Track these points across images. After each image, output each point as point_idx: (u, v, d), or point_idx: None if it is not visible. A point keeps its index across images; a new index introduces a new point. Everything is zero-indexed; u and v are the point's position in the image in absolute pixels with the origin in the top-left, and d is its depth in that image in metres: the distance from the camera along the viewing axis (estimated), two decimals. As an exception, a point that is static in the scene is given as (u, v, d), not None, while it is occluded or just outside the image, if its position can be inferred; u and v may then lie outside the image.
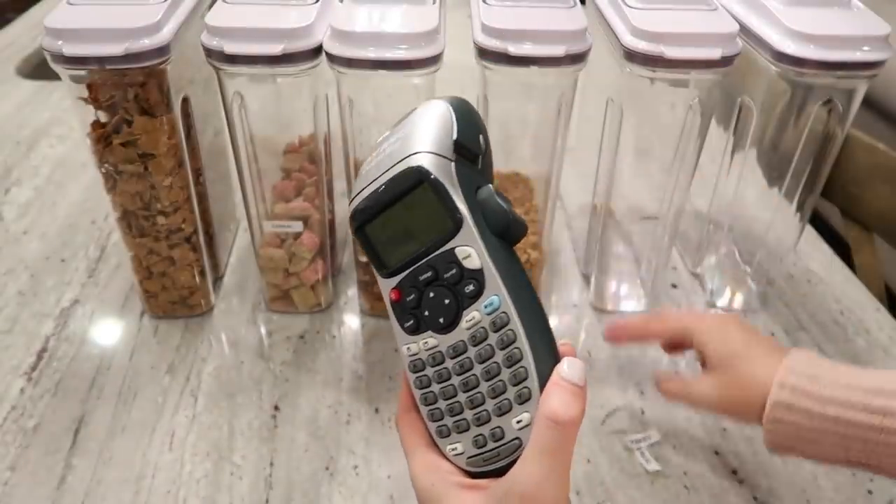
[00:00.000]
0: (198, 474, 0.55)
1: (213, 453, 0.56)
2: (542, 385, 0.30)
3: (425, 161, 0.31)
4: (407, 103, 0.57)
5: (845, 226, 0.86)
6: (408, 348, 0.33)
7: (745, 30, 0.59)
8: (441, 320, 0.32)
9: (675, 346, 0.53)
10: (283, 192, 0.64)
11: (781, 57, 0.56)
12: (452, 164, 0.32)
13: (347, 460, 0.56)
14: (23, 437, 0.57)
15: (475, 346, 0.31)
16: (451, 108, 0.33)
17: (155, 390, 0.61)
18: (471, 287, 0.31)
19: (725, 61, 0.54)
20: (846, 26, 0.56)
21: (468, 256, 0.31)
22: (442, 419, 0.33)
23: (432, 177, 0.31)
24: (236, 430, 0.58)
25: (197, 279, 0.67)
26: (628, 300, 0.72)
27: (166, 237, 0.63)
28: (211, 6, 0.56)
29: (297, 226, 0.64)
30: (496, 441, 0.31)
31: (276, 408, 0.60)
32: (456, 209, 0.31)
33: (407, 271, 0.33)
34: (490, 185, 0.33)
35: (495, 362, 0.31)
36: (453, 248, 0.31)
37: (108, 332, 0.68)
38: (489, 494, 0.31)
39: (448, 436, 0.33)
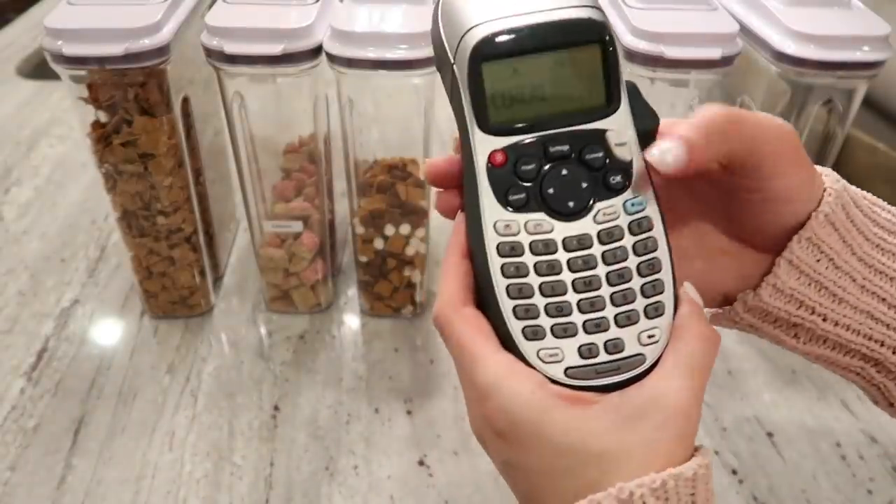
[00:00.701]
0: (198, 474, 0.55)
1: (213, 453, 0.56)
2: (675, 304, 0.28)
3: (604, 19, 0.26)
4: (407, 103, 0.57)
5: (845, 226, 0.86)
6: (506, 226, 0.27)
7: (745, 30, 0.59)
8: (571, 204, 0.27)
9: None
10: (283, 192, 0.64)
11: (781, 57, 0.56)
12: (616, 40, 0.27)
13: (347, 460, 0.56)
14: (23, 437, 0.57)
15: (605, 244, 0.27)
16: None
17: (155, 390, 0.61)
18: (617, 178, 0.27)
19: (725, 61, 0.54)
20: (846, 26, 0.56)
21: (623, 144, 0.27)
22: (536, 318, 0.27)
23: (613, 43, 0.26)
24: (236, 430, 0.58)
25: (197, 279, 0.67)
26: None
27: (166, 237, 0.63)
28: (211, 6, 0.56)
29: (297, 226, 0.64)
30: (613, 353, 0.27)
31: (276, 408, 0.60)
32: (620, 87, 0.27)
33: (529, 135, 0.27)
34: (634, 83, 0.29)
35: (628, 267, 0.27)
36: (605, 130, 0.27)
37: (108, 332, 0.68)
38: (612, 408, 0.26)
39: (543, 338, 0.27)
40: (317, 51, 0.53)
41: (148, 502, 0.53)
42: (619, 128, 0.27)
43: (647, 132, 0.28)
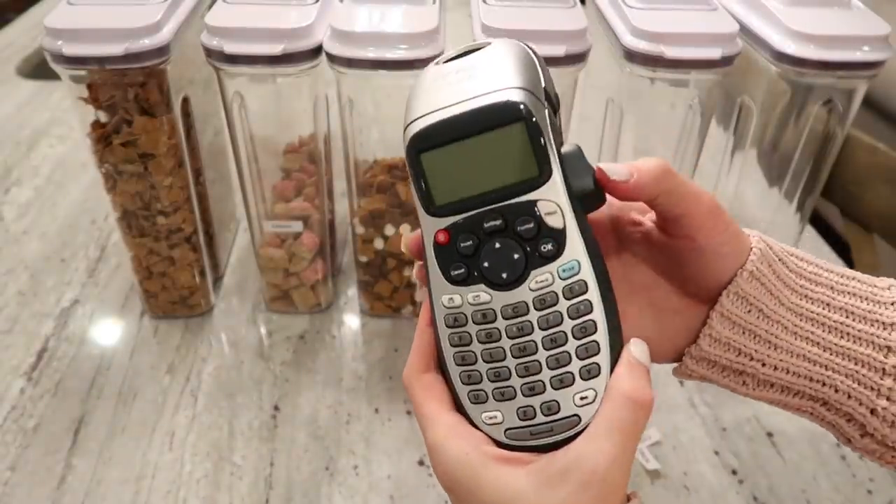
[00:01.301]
0: (198, 474, 0.55)
1: (213, 453, 0.56)
2: (613, 363, 0.28)
3: (524, 98, 0.27)
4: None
5: (845, 226, 0.86)
6: (449, 299, 0.29)
7: (745, 30, 0.59)
8: (504, 275, 0.28)
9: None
10: (283, 192, 0.64)
11: (781, 57, 0.56)
12: (546, 109, 0.28)
13: (347, 460, 0.56)
14: (23, 437, 0.57)
15: (541, 310, 0.28)
16: (531, 50, 0.30)
17: (155, 390, 0.61)
18: (549, 247, 0.28)
19: (725, 61, 0.54)
20: (846, 26, 0.56)
21: (552, 213, 0.28)
22: (479, 383, 0.29)
23: (532, 117, 0.27)
24: (236, 430, 0.58)
25: (197, 279, 0.67)
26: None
27: (166, 237, 0.63)
28: (211, 6, 0.56)
29: (297, 226, 0.64)
30: (549, 415, 0.28)
31: (276, 408, 0.60)
32: (548, 158, 0.28)
33: (466, 214, 0.29)
34: (576, 144, 0.29)
35: (562, 331, 0.28)
36: (535, 201, 0.28)
37: (108, 332, 0.68)
38: (537, 470, 0.28)
39: (484, 402, 0.29)
40: (317, 51, 0.53)
41: (148, 502, 0.53)
42: (549, 197, 0.28)
43: (587, 192, 0.29)
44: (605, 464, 0.27)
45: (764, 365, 0.33)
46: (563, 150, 0.29)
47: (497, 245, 0.29)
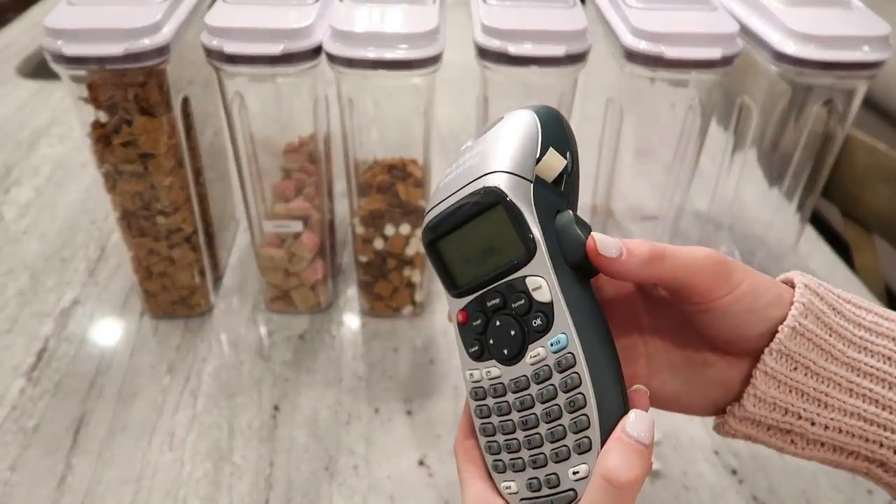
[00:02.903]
0: (198, 474, 0.55)
1: (213, 453, 0.56)
2: (605, 437, 0.28)
3: (501, 182, 0.29)
4: (407, 103, 0.57)
5: (845, 226, 0.86)
6: (470, 374, 0.32)
7: (745, 30, 0.59)
8: (505, 351, 0.30)
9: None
10: (283, 192, 0.64)
11: (781, 57, 0.56)
12: (531, 185, 0.29)
13: (347, 460, 0.56)
14: (23, 437, 0.57)
15: (538, 384, 0.29)
16: (538, 121, 0.30)
17: (155, 390, 0.61)
18: (538, 321, 0.29)
19: (725, 61, 0.54)
20: (846, 26, 0.56)
21: (538, 288, 0.29)
22: (499, 453, 0.31)
23: (507, 199, 0.29)
24: (236, 430, 0.58)
25: (197, 279, 0.67)
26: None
27: (166, 237, 0.63)
28: (211, 6, 0.56)
29: (297, 226, 0.64)
30: (551, 488, 0.29)
31: (276, 408, 0.60)
32: (530, 236, 0.29)
33: (476, 294, 0.31)
34: (570, 211, 0.30)
35: (557, 405, 0.29)
36: (524, 277, 0.29)
37: (108, 332, 0.68)
38: None
39: (504, 472, 0.31)
40: (317, 51, 0.53)
41: (148, 502, 0.53)
42: (536, 272, 0.29)
43: (578, 262, 0.29)
44: None
45: (813, 424, 0.31)
46: (558, 219, 0.30)
47: (498, 322, 0.30)
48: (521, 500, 0.30)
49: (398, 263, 0.65)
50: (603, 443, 0.28)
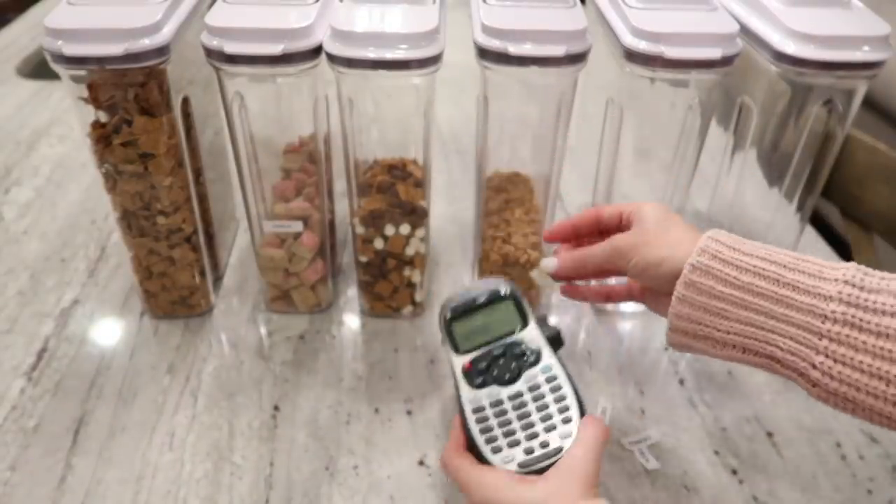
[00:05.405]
0: (198, 474, 0.55)
1: (213, 453, 0.56)
2: (581, 413, 0.45)
3: (511, 287, 0.51)
4: (407, 103, 0.57)
5: (845, 226, 0.86)
6: (472, 399, 0.47)
7: (745, 30, 0.59)
8: (507, 376, 0.47)
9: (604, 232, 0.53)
10: (283, 192, 0.64)
11: (781, 57, 0.56)
12: (522, 297, 0.51)
13: (347, 460, 0.56)
14: (23, 437, 0.57)
15: (531, 391, 0.47)
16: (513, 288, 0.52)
17: (155, 390, 0.61)
18: (532, 359, 0.48)
19: (725, 61, 0.54)
20: (846, 26, 0.56)
21: (533, 340, 0.49)
22: (496, 441, 0.45)
23: (519, 294, 0.51)
24: (236, 430, 0.58)
25: (197, 279, 0.67)
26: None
27: (166, 237, 0.63)
28: (211, 6, 0.56)
29: (297, 226, 0.64)
30: (543, 448, 0.44)
31: (276, 408, 0.60)
32: (528, 316, 0.50)
33: (480, 350, 0.49)
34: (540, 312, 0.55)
35: (546, 402, 0.46)
36: (522, 337, 0.49)
37: (108, 332, 0.68)
38: (547, 477, 0.43)
39: (500, 451, 0.45)
40: (317, 51, 0.53)
41: (148, 502, 0.53)
42: (530, 334, 0.50)
43: (551, 337, 0.50)
44: (580, 466, 0.42)
45: (718, 331, 0.44)
46: (535, 314, 0.51)
47: (501, 361, 0.48)
48: (519, 463, 0.44)
49: (398, 263, 0.65)
50: (580, 417, 0.45)
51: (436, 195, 0.86)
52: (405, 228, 0.63)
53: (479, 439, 0.45)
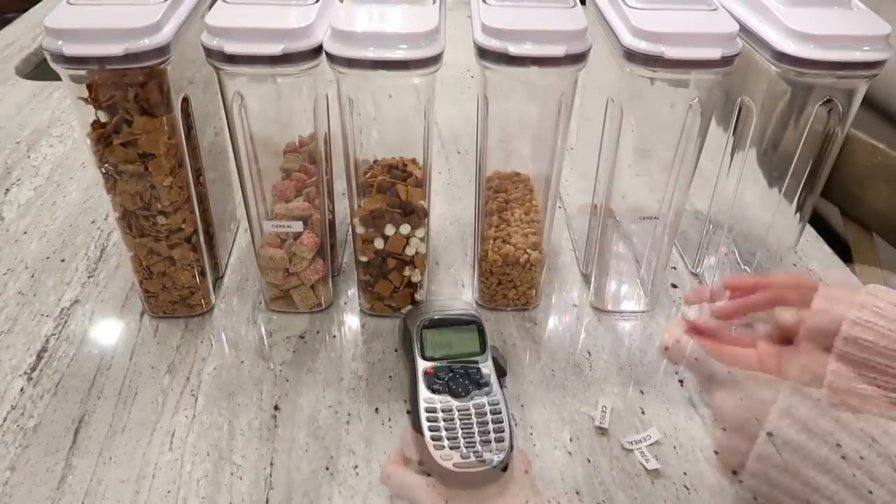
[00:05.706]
0: (198, 474, 0.55)
1: (213, 453, 0.56)
2: (511, 439, 0.52)
3: (479, 316, 0.61)
4: (407, 103, 0.57)
5: (845, 226, 0.86)
6: (428, 399, 0.54)
7: (745, 30, 0.59)
8: (460, 391, 0.55)
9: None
10: (283, 192, 0.64)
11: (781, 57, 0.56)
12: (484, 328, 0.60)
13: (347, 460, 0.56)
14: (23, 437, 0.57)
15: (476, 411, 0.54)
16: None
17: (155, 390, 0.61)
18: (484, 385, 0.55)
19: (725, 61, 0.54)
20: (846, 26, 0.56)
21: (486, 368, 0.57)
22: (441, 440, 0.51)
23: (483, 324, 0.60)
24: (236, 430, 0.58)
25: (197, 279, 0.67)
26: (628, 300, 0.72)
27: (166, 237, 0.63)
28: (211, 6, 0.56)
29: (297, 226, 0.64)
30: (477, 459, 0.50)
31: (276, 408, 0.60)
32: (487, 345, 0.59)
33: (444, 361, 0.57)
34: (493, 347, 0.60)
35: (486, 421, 0.53)
36: (479, 363, 0.57)
37: (108, 332, 0.68)
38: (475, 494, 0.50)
39: (443, 449, 0.51)
40: (317, 51, 0.53)
41: (148, 502, 0.53)
42: (485, 362, 0.57)
43: (499, 368, 0.58)
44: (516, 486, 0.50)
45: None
46: (490, 345, 0.59)
47: (458, 377, 0.56)
48: (454, 463, 0.50)
49: (398, 263, 0.65)
50: (511, 440, 0.52)
51: (436, 195, 0.86)
52: (405, 228, 0.63)
53: (427, 435, 0.52)
